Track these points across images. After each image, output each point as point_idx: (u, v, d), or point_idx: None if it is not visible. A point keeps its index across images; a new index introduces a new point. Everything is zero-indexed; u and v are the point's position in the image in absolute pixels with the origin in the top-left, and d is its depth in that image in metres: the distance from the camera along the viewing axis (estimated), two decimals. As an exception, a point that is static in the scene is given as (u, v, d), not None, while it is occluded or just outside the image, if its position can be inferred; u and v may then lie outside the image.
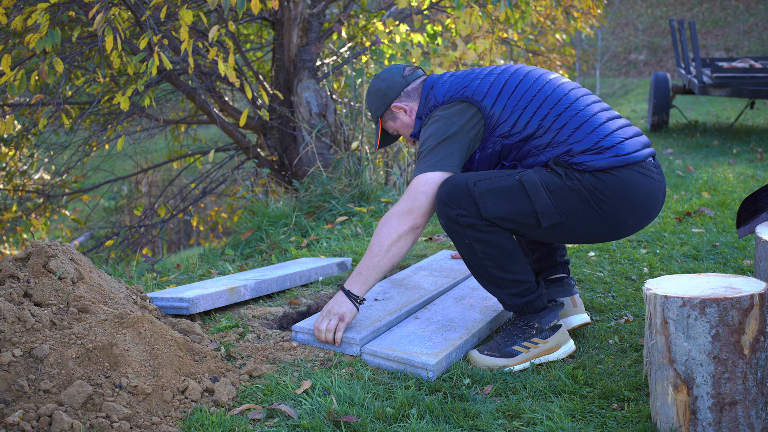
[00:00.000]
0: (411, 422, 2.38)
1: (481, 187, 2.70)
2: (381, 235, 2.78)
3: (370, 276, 2.81)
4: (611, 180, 2.69)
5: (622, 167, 2.70)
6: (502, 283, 2.78)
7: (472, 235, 2.72)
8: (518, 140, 2.78)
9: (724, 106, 12.99)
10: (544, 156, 2.75)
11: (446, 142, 2.78)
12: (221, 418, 2.37)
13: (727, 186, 5.83)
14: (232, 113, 6.41)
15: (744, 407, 2.20)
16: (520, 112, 2.78)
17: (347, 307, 2.85)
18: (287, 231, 4.83)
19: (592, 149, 2.70)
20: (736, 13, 25.00)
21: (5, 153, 6.91)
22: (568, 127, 2.75)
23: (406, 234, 2.76)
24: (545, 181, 2.70)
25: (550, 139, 2.75)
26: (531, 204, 2.69)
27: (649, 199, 2.77)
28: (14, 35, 5.19)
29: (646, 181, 2.75)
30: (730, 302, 2.16)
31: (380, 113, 3.08)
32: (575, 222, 2.73)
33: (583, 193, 2.69)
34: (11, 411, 2.25)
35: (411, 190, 2.78)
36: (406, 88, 3.03)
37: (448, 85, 2.92)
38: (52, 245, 2.86)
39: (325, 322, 2.85)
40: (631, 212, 2.75)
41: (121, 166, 10.09)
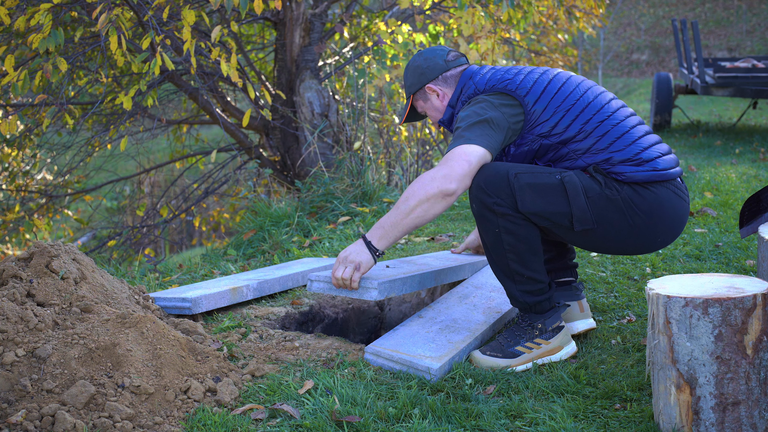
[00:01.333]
0: (413, 422, 2.38)
1: (521, 180, 2.68)
2: (410, 193, 2.69)
3: (391, 232, 2.73)
4: (649, 195, 2.69)
5: (659, 183, 2.71)
6: (518, 278, 2.77)
7: (503, 225, 2.70)
8: (557, 141, 2.75)
9: (726, 106, 12.98)
10: (582, 161, 2.73)
11: (486, 123, 2.73)
12: (224, 418, 2.38)
13: (729, 186, 5.83)
14: (235, 113, 6.41)
15: (747, 407, 2.20)
16: (562, 114, 2.75)
17: (365, 256, 2.77)
18: (289, 231, 4.83)
19: (632, 160, 2.70)
20: (738, 13, 24.97)
21: (8, 153, 6.92)
22: (609, 135, 2.73)
23: (435, 197, 2.66)
24: (585, 185, 2.68)
25: (590, 145, 2.73)
26: (568, 206, 2.68)
27: (679, 219, 2.78)
28: (17, 35, 5.20)
29: (678, 201, 2.76)
30: (733, 302, 2.16)
31: (413, 90, 3.04)
32: (607, 231, 2.73)
33: (620, 204, 2.69)
34: (14, 411, 2.25)
35: (449, 158, 2.69)
36: (446, 72, 2.99)
37: (489, 76, 2.88)
38: (54, 245, 2.86)
39: (341, 270, 2.78)
40: (662, 229, 2.76)
41: (123, 166, 10.10)
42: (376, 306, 3.77)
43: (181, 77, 6.07)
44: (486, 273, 3.63)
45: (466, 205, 5.36)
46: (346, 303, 3.64)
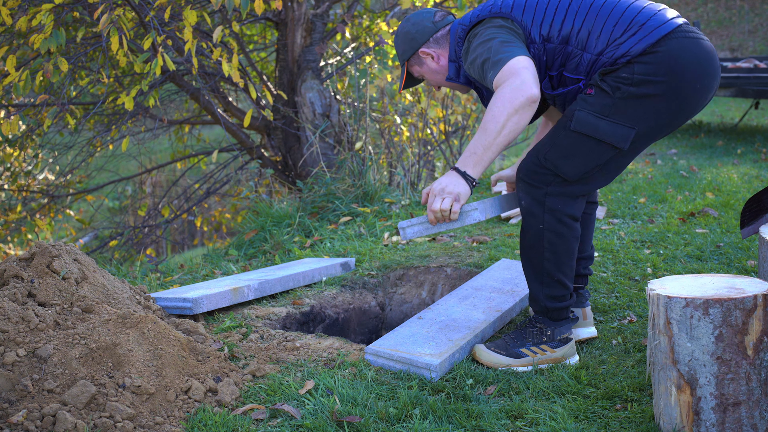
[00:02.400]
0: (414, 422, 2.38)
1: (551, 158, 2.66)
2: (495, 110, 2.54)
3: (485, 155, 2.60)
4: (659, 57, 2.57)
5: (663, 39, 2.58)
6: (547, 280, 2.75)
7: (549, 221, 2.69)
8: (559, 42, 2.68)
9: (728, 107, 12.97)
10: (587, 54, 2.64)
11: (504, 40, 2.66)
12: (224, 418, 2.38)
13: (731, 186, 5.82)
14: (236, 113, 6.42)
15: (747, 408, 2.20)
16: (552, 14, 2.70)
17: (463, 187, 2.63)
18: (291, 231, 4.83)
19: (628, 30, 2.60)
20: (741, 13, 24.97)
21: (10, 153, 6.93)
22: (599, 18, 2.64)
23: (523, 106, 2.53)
24: (596, 110, 2.62)
25: (586, 36, 2.65)
26: (601, 142, 2.63)
27: (704, 58, 2.63)
28: (19, 36, 5.21)
29: (692, 42, 2.61)
30: (733, 303, 2.16)
31: (407, 57, 2.99)
32: (650, 121, 2.64)
33: (637, 93, 2.59)
34: (15, 411, 2.25)
35: (508, 72, 2.56)
36: (436, 34, 2.94)
37: (470, 14, 2.85)
38: (55, 245, 2.86)
39: (438, 202, 2.64)
40: (693, 78, 2.61)
41: (125, 166, 10.11)
42: (377, 306, 3.77)
43: (183, 77, 6.08)
44: (485, 276, 3.63)
45: (467, 205, 5.35)
46: (347, 303, 3.64)
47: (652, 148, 8.66)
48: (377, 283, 3.87)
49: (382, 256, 4.18)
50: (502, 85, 2.56)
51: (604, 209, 5.01)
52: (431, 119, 6.92)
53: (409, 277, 3.90)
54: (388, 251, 4.26)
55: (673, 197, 5.47)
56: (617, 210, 5.12)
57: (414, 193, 5.78)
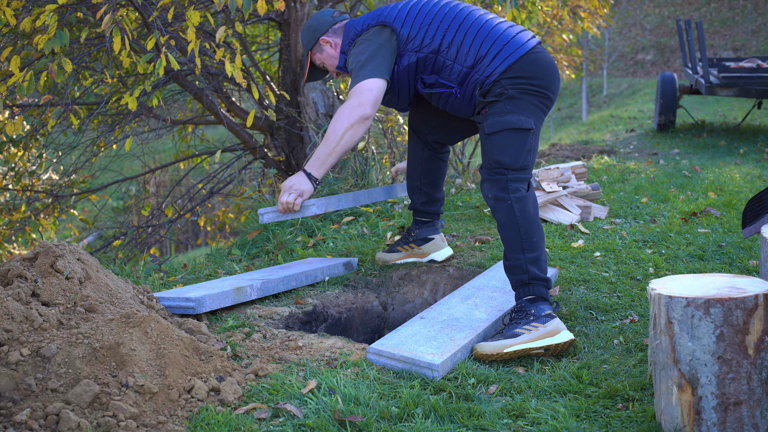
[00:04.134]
0: (416, 422, 2.39)
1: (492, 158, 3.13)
2: (335, 125, 3.21)
3: (326, 160, 3.26)
4: (519, 71, 3.17)
5: (522, 57, 3.19)
6: (527, 244, 3.07)
7: (513, 198, 3.09)
8: (429, 52, 3.28)
9: (731, 106, 12.96)
10: (459, 66, 3.24)
11: (371, 57, 3.27)
12: (227, 418, 2.39)
13: (733, 186, 5.82)
14: (239, 114, 6.42)
15: (749, 407, 2.20)
16: (426, 28, 3.29)
17: (306, 185, 3.33)
18: (294, 231, 4.84)
19: (491, 50, 3.20)
20: (743, 13, 24.93)
21: (14, 153, 6.94)
22: (467, 36, 3.24)
23: (358, 123, 3.20)
24: (497, 113, 3.16)
25: (455, 51, 3.25)
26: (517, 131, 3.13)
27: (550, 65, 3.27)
28: (23, 36, 5.22)
29: (541, 56, 3.24)
30: (734, 302, 2.17)
31: (310, 46, 3.57)
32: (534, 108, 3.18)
33: (517, 92, 3.16)
34: (19, 410, 2.26)
35: (356, 92, 3.22)
36: (334, 26, 3.54)
37: (364, 18, 3.42)
38: (59, 245, 2.88)
39: (285, 196, 3.32)
40: (549, 81, 3.24)
41: (128, 166, 10.12)
42: (379, 306, 3.78)
43: (186, 77, 6.08)
44: (488, 275, 3.64)
45: (470, 205, 5.36)
46: (349, 303, 3.65)
47: (655, 148, 8.66)
48: (380, 283, 3.87)
49: (385, 255, 4.18)
50: (347, 101, 3.24)
51: (606, 209, 5.02)
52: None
53: (412, 277, 3.91)
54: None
55: (675, 197, 5.47)
56: (619, 210, 5.12)
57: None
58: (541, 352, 2.89)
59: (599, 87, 24.89)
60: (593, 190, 5.25)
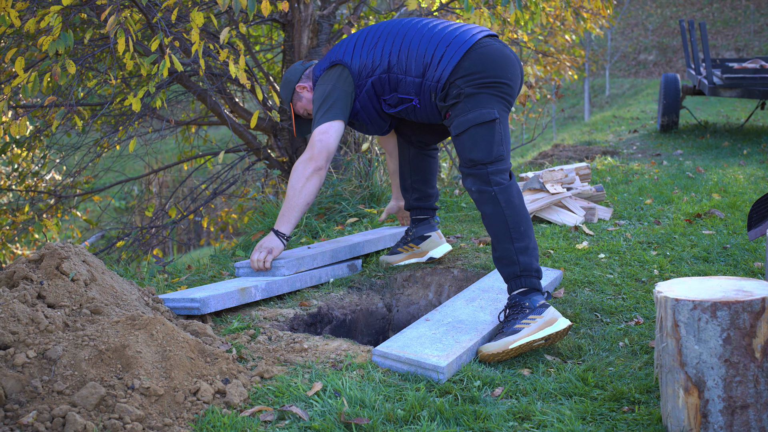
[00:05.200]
0: (422, 424, 2.39)
1: (466, 157, 3.18)
2: (293, 181, 3.40)
3: (291, 215, 3.44)
4: (468, 67, 3.22)
5: (467, 53, 3.24)
6: (516, 234, 3.08)
7: (497, 189, 3.11)
8: (381, 72, 3.40)
9: (734, 107, 12.95)
10: (410, 77, 3.35)
11: (326, 100, 3.41)
12: (233, 420, 2.39)
13: (737, 187, 5.82)
14: (243, 114, 6.42)
15: (756, 411, 2.20)
16: (371, 52, 3.42)
17: (275, 242, 3.52)
18: (298, 232, 4.84)
19: (435, 55, 3.27)
20: (746, 13, 24.91)
21: (18, 154, 6.95)
22: (411, 49, 3.34)
23: (312, 176, 3.39)
24: (460, 114, 3.21)
25: (404, 64, 3.35)
26: (483, 125, 3.16)
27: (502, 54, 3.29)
28: (27, 38, 5.22)
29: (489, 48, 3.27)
30: (741, 305, 2.16)
31: (289, 98, 3.72)
32: (495, 100, 3.22)
33: (474, 89, 3.20)
34: (25, 412, 2.26)
35: (311, 141, 3.38)
36: (305, 71, 3.70)
37: (322, 62, 3.58)
38: (65, 247, 2.88)
39: (257, 254, 3.52)
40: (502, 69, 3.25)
41: (131, 166, 10.13)
42: (384, 307, 3.78)
43: (190, 78, 6.09)
44: (492, 277, 3.64)
45: (473, 206, 5.36)
46: (354, 305, 3.65)
47: (658, 149, 8.66)
48: (384, 285, 3.87)
49: (389, 257, 4.18)
50: (302, 155, 3.41)
51: (610, 210, 5.01)
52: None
53: (416, 279, 3.91)
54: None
55: (680, 198, 5.46)
56: (623, 211, 5.12)
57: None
58: (542, 342, 2.91)
59: (601, 87, 24.89)
60: (597, 192, 5.25)
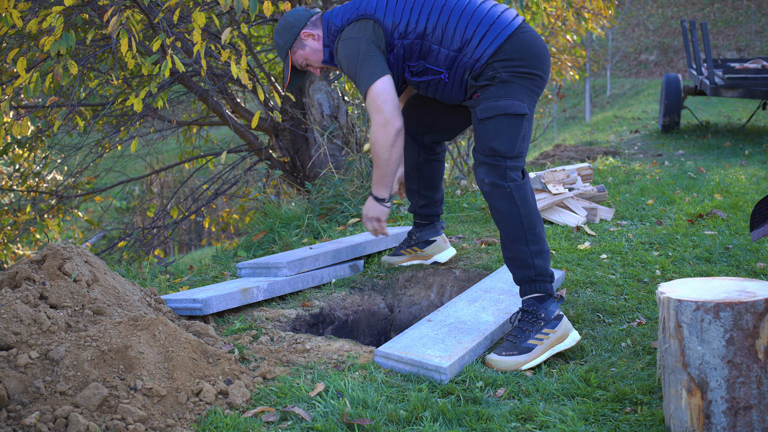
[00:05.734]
0: (424, 425, 2.39)
1: (486, 145, 3.07)
2: (378, 149, 3.23)
3: (388, 181, 3.34)
4: (509, 53, 3.10)
5: (508, 38, 3.11)
6: (531, 236, 3.02)
7: (512, 186, 3.03)
8: (414, 37, 3.20)
9: (735, 107, 12.94)
10: (445, 50, 3.17)
11: (366, 55, 3.20)
12: (235, 421, 2.39)
13: (739, 188, 5.81)
14: (244, 115, 6.42)
15: (759, 412, 2.20)
16: (409, 13, 3.20)
17: (380, 209, 3.45)
18: (299, 233, 4.84)
19: (477, 32, 3.12)
20: (747, 13, 24.91)
21: (20, 154, 6.95)
22: (451, 18, 3.16)
23: (395, 139, 3.20)
24: (489, 97, 3.09)
25: (441, 34, 3.16)
26: (508, 116, 3.07)
27: (540, 44, 3.19)
28: (29, 38, 5.23)
29: (530, 35, 3.17)
30: (744, 306, 2.16)
31: (290, 44, 3.43)
32: (527, 92, 3.12)
33: (510, 76, 3.09)
34: (28, 413, 2.26)
35: (374, 105, 3.18)
36: (311, 18, 3.42)
37: (340, 11, 3.34)
38: (67, 247, 2.88)
39: (370, 225, 3.51)
40: (541, 60, 3.16)
41: (133, 167, 10.13)
42: (386, 308, 3.78)
43: (191, 79, 6.09)
44: (494, 278, 3.64)
45: (475, 207, 5.36)
46: (356, 305, 3.65)
47: (659, 149, 8.66)
48: (386, 285, 3.87)
49: (391, 257, 4.18)
50: (373, 122, 3.22)
51: (612, 211, 5.01)
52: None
53: (418, 279, 3.91)
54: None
55: (681, 199, 5.46)
56: (625, 212, 5.11)
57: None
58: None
59: (603, 87, 24.89)
60: (599, 192, 5.25)
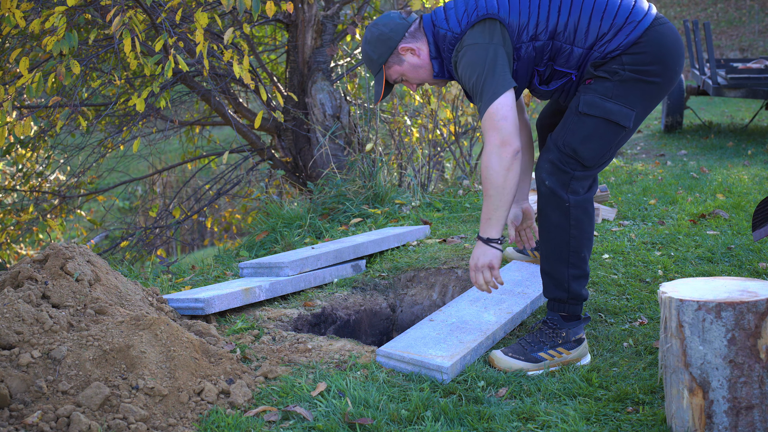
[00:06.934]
0: (426, 424, 2.39)
1: (569, 143, 2.79)
2: (493, 176, 2.76)
3: (500, 216, 2.80)
4: (645, 47, 2.76)
5: (646, 30, 2.77)
6: (574, 258, 2.82)
7: (573, 200, 2.79)
8: (547, 38, 2.82)
9: (738, 107, 12.92)
10: (577, 49, 2.81)
11: (490, 65, 2.79)
12: (237, 420, 2.39)
13: (741, 188, 5.80)
14: (247, 115, 6.43)
15: (761, 411, 2.19)
16: (537, 10, 2.82)
17: (492, 253, 2.83)
18: (302, 232, 4.84)
19: (614, 24, 2.78)
20: (751, 13, 24.88)
21: (22, 154, 6.96)
22: (584, 12, 2.80)
23: (512, 163, 2.75)
24: (600, 92, 2.78)
25: (573, 30, 2.80)
26: (610, 122, 2.78)
27: (678, 43, 2.85)
28: (32, 38, 5.24)
29: (667, 29, 2.82)
30: (746, 306, 2.16)
31: (385, 58, 2.99)
32: (644, 103, 2.83)
33: (633, 76, 2.77)
34: (30, 412, 2.27)
35: (491, 123, 2.75)
36: (409, 29, 2.98)
37: (455, 14, 2.91)
38: (69, 247, 2.88)
39: (480, 276, 2.85)
40: (674, 62, 2.84)
41: (135, 167, 10.14)
42: (388, 308, 3.78)
43: (194, 79, 6.10)
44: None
45: (477, 207, 5.36)
46: (358, 305, 3.65)
47: (662, 149, 8.65)
48: (388, 285, 3.87)
49: (393, 257, 4.18)
50: (488, 143, 2.76)
51: (614, 211, 5.01)
52: (441, 120, 6.92)
53: (420, 279, 3.91)
54: (398, 253, 4.27)
55: (684, 199, 5.45)
56: (627, 212, 5.11)
57: (424, 195, 5.79)
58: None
59: (605, 87, 24.83)
60: (601, 192, 5.24)
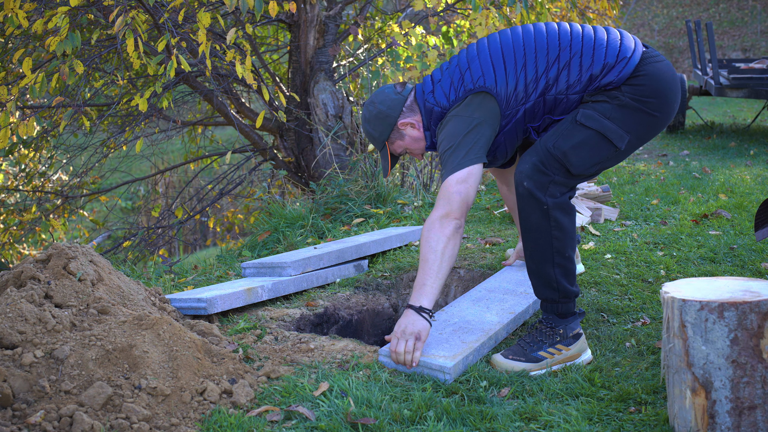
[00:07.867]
0: (428, 424, 2.39)
1: (560, 147, 2.79)
2: (431, 243, 2.76)
3: (434, 285, 2.76)
4: (644, 80, 2.81)
5: (640, 65, 2.82)
6: (558, 258, 2.82)
7: (551, 203, 2.78)
8: (537, 97, 2.84)
9: (740, 107, 12.91)
10: (573, 95, 2.84)
11: (467, 137, 2.81)
12: (239, 420, 2.39)
13: (744, 188, 5.80)
14: (249, 115, 6.43)
15: (763, 412, 2.19)
16: (523, 72, 2.84)
17: (420, 323, 2.75)
18: (304, 232, 4.84)
19: (607, 65, 2.81)
20: (753, 13, 24.85)
21: (25, 154, 6.97)
22: (574, 63, 2.83)
23: (453, 235, 2.77)
24: (599, 110, 2.80)
25: (565, 80, 2.83)
26: (604, 138, 2.80)
27: (675, 79, 2.89)
28: (35, 38, 5.24)
29: (665, 65, 2.88)
30: (748, 306, 2.16)
31: (386, 135, 3.06)
32: (639, 131, 2.86)
33: (633, 104, 2.81)
34: (33, 411, 2.27)
35: (444, 193, 2.80)
36: (406, 102, 3.03)
37: (443, 88, 2.95)
38: (72, 247, 2.88)
39: (401, 344, 2.74)
40: (673, 98, 2.88)
41: (138, 167, 10.15)
42: (390, 308, 3.78)
43: (196, 79, 6.10)
44: (498, 278, 3.64)
45: (479, 207, 5.36)
46: (361, 305, 3.65)
47: (664, 149, 8.64)
48: (390, 285, 3.87)
49: (395, 257, 4.19)
50: (433, 211, 2.80)
51: (616, 211, 5.01)
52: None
53: (422, 279, 3.90)
54: (401, 253, 4.27)
55: (686, 199, 5.45)
56: (630, 212, 5.11)
57: (427, 195, 5.79)
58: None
59: (608, 88, 24.81)
60: (603, 192, 5.24)
